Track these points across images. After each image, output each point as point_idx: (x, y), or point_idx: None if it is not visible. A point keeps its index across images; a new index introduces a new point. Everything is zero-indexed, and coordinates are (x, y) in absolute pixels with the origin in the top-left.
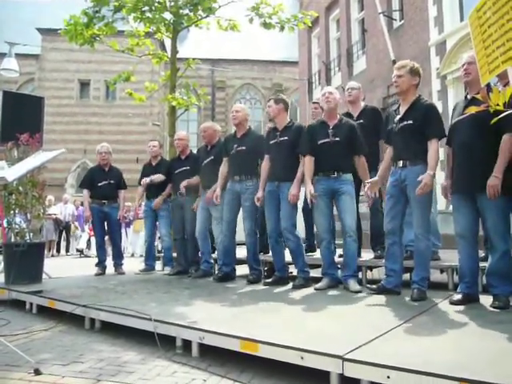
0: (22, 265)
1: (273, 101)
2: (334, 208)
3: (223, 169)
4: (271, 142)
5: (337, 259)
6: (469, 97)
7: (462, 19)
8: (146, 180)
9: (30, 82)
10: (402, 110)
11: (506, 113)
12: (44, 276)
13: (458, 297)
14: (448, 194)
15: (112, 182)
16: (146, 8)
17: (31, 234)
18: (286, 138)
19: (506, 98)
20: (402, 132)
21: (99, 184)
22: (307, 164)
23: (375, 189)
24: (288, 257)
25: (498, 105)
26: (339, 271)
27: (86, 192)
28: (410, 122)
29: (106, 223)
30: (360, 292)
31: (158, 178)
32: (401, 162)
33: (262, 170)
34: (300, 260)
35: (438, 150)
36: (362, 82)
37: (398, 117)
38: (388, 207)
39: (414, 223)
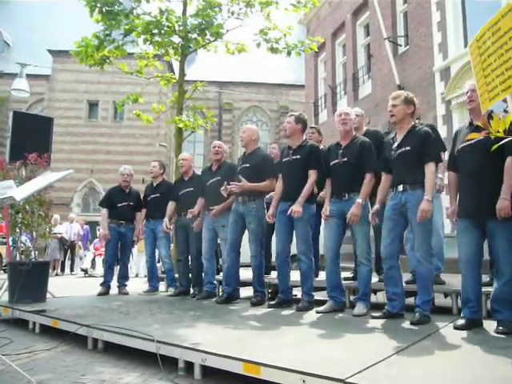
0: (27, 283)
1: (294, 118)
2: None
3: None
4: (284, 160)
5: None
6: (475, 123)
7: (465, 45)
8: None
9: (39, 102)
10: (399, 137)
11: (506, 140)
12: (48, 295)
13: (461, 322)
14: (454, 218)
15: (131, 203)
16: (156, 31)
17: (36, 253)
18: (298, 156)
19: (507, 124)
20: (401, 158)
21: (118, 205)
22: (326, 185)
23: (377, 217)
24: (292, 279)
25: (498, 131)
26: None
27: (104, 211)
28: (408, 148)
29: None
30: (361, 316)
31: (169, 210)
32: (401, 186)
33: (276, 188)
34: (308, 283)
35: (434, 173)
36: (367, 106)
37: (396, 144)
38: (386, 231)
39: (415, 246)
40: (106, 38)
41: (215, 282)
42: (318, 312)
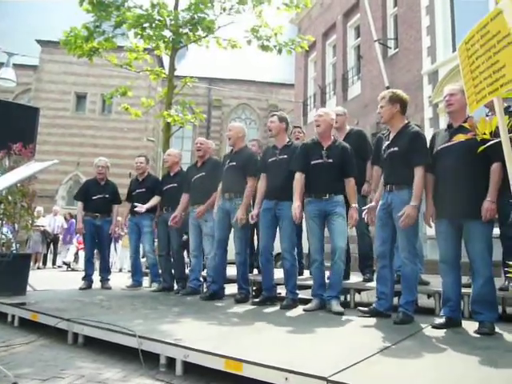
0: (6, 276)
1: (277, 117)
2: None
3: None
4: (270, 159)
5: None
6: (455, 125)
7: (454, 50)
8: (142, 209)
9: (26, 93)
10: (391, 136)
11: (493, 141)
12: (28, 288)
13: (440, 321)
14: (430, 220)
15: (107, 196)
16: (147, 24)
17: (18, 245)
18: (285, 156)
19: (493, 127)
20: (389, 158)
21: (93, 197)
22: (297, 180)
23: (373, 214)
24: (276, 276)
25: (484, 133)
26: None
27: (80, 204)
28: (396, 148)
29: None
30: (342, 314)
31: (153, 202)
32: (388, 186)
33: (259, 188)
34: (292, 281)
35: (423, 178)
36: (356, 107)
37: (386, 143)
38: (378, 231)
39: (399, 247)
40: (95, 30)
41: (201, 279)
42: (304, 310)
